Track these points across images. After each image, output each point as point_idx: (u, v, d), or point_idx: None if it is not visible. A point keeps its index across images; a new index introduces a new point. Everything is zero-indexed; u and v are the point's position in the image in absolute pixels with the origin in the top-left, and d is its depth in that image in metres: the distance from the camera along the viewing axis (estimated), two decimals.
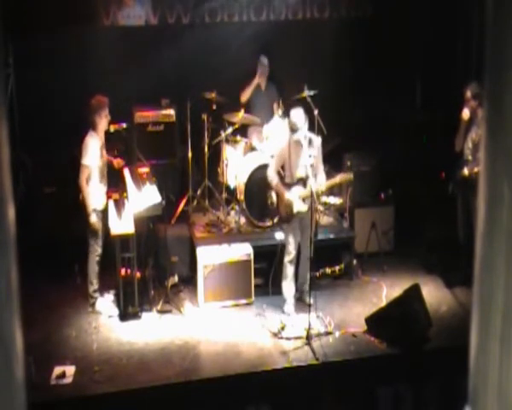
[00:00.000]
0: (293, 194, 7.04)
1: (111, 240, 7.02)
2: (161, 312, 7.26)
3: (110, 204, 7.36)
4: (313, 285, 7.00)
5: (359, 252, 8.31)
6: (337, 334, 6.83)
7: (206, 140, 8.51)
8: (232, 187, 8.41)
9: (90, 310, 7.20)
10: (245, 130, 8.77)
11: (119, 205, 7.23)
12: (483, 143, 1.25)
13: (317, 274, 7.64)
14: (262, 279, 7.69)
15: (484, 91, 1.25)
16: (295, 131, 6.85)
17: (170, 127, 8.83)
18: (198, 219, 8.45)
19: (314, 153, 6.93)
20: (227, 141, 8.47)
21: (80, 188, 6.93)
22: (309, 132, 7.07)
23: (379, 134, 9.32)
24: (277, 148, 7.39)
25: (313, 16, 9.75)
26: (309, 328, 6.69)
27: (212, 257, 7.43)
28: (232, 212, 8.43)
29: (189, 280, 7.83)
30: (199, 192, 8.59)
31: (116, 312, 7.22)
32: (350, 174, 7.21)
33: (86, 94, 7.19)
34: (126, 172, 7.57)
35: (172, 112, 8.83)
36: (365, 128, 9.41)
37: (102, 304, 7.23)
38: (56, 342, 6.76)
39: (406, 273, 7.94)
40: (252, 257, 7.48)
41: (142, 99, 8.82)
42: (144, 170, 7.46)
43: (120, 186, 7.49)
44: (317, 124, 8.25)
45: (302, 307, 7.30)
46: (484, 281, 1.23)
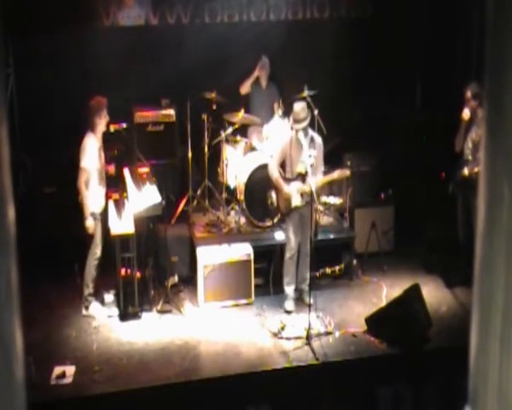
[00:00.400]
0: (291, 188, 7.07)
1: (111, 240, 7.02)
2: (161, 312, 7.26)
3: (110, 204, 7.37)
4: (313, 285, 7.00)
5: (359, 252, 8.32)
6: (337, 334, 6.83)
7: (206, 140, 8.51)
8: (232, 187, 8.41)
9: (84, 313, 7.19)
10: (245, 130, 8.77)
11: (119, 205, 7.23)
12: (483, 143, 1.25)
13: (317, 274, 7.64)
14: (262, 279, 7.69)
15: (484, 91, 1.25)
16: (298, 121, 6.91)
17: (170, 127, 8.83)
18: (198, 219, 8.45)
19: (314, 153, 6.96)
20: (227, 141, 8.47)
21: (79, 191, 6.92)
22: (311, 131, 7.11)
23: (379, 134, 9.32)
24: (279, 143, 7.44)
25: (313, 16, 9.75)
26: (309, 328, 6.69)
27: (212, 257, 7.43)
28: (232, 212, 8.43)
29: (189, 280, 7.83)
30: (199, 192, 8.59)
31: (115, 312, 7.23)
32: (346, 171, 7.24)
33: (86, 94, 7.19)
34: (126, 172, 7.57)
35: (172, 112, 8.83)
36: (365, 128, 9.40)
37: (96, 308, 7.22)
38: (56, 342, 6.76)
39: (406, 273, 7.94)
40: (252, 257, 7.48)
41: (142, 99, 8.82)
42: (144, 170, 7.46)
43: (120, 186, 7.49)
44: (317, 124, 8.26)
45: (302, 307, 7.30)
46: (484, 281, 1.23)
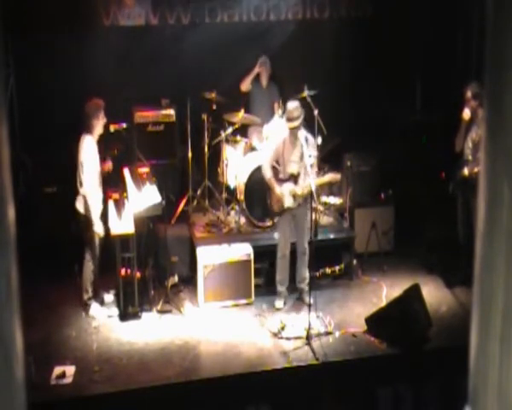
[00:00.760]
0: (283, 189, 7.09)
1: (111, 240, 7.02)
2: (161, 312, 7.26)
3: (110, 204, 7.36)
4: (313, 285, 7.00)
5: (359, 252, 8.32)
6: (337, 334, 6.83)
7: (206, 140, 8.52)
8: (232, 187, 8.41)
9: (84, 315, 7.19)
10: (245, 130, 8.77)
11: (119, 205, 7.23)
12: (483, 143, 1.25)
13: (317, 274, 7.64)
14: (262, 279, 7.70)
15: (484, 91, 1.25)
16: (291, 120, 6.92)
17: (170, 127, 8.83)
18: (198, 219, 8.45)
19: (314, 153, 6.98)
20: (227, 141, 8.47)
21: (86, 196, 6.90)
22: (305, 131, 7.11)
23: (379, 134, 9.32)
24: (273, 143, 7.45)
25: (313, 16, 9.75)
26: (309, 328, 6.69)
27: (212, 257, 7.43)
28: (232, 212, 8.43)
29: (189, 280, 7.83)
30: (199, 192, 8.59)
31: (115, 312, 7.23)
32: (337, 175, 7.23)
33: (86, 94, 7.19)
34: (126, 172, 7.57)
35: (172, 112, 8.83)
36: (365, 128, 9.40)
37: (96, 308, 7.22)
38: (56, 342, 6.75)
39: (406, 273, 7.94)
40: (252, 257, 7.48)
41: (142, 99, 8.82)
42: (144, 170, 7.46)
43: (120, 186, 7.49)
44: (317, 124, 8.25)
45: (302, 307, 7.31)
46: (484, 281, 1.23)
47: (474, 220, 6.66)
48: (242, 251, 7.51)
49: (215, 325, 7.08)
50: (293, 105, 7.01)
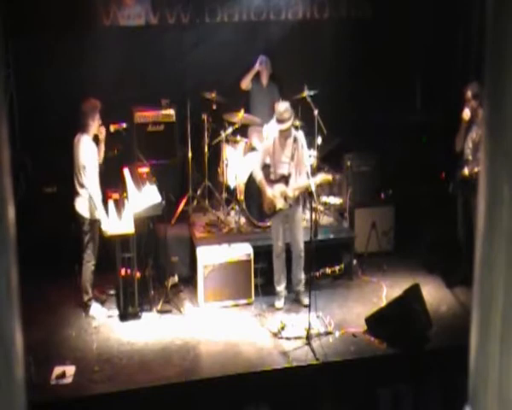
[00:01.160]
0: (274, 191, 7.08)
1: (111, 240, 7.01)
2: (161, 312, 7.26)
3: (110, 204, 7.36)
4: (313, 285, 7.00)
5: (359, 252, 8.32)
6: (337, 334, 6.83)
7: (206, 140, 8.52)
8: (232, 187, 8.41)
9: (84, 316, 7.19)
10: (245, 130, 8.77)
11: (119, 205, 7.23)
12: (483, 143, 1.25)
13: (317, 274, 7.65)
14: (262, 279, 7.70)
15: (484, 91, 1.25)
16: (282, 121, 6.90)
17: (170, 127, 8.83)
18: (198, 219, 8.45)
19: (314, 153, 6.98)
20: (227, 141, 8.47)
21: (92, 196, 6.89)
22: (295, 131, 7.09)
23: (379, 134, 9.32)
24: (262, 144, 7.45)
25: (313, 16, 9.75)
26: (309, 328, 6.69)
27: (212, 257, 7.43)
28: (232, 212, 8.43)
29: (189, 280, 7.83)
30: (199, 192, 8.59)
31: (115, 312, 7.23)
32: (329, 175, 7.21)
33: (86, 94, 7.19)
34: (126, 172, 7.57)
35: (172, 112, 8.83)
36: (365, 128, 9.40)
37: (96, 308, 7.22)
38: (56, 342, 6.75)
39: (406, 273, 7.94)
40: (252, 257, 7.48)
41: (142, 99, 8.82)
42: (144, 170, 7.45)
43: (120, 186, 7.49)
44: (317, 124, 8.26)
45: (301, 308, 7.31)
46: (484, 281, 1.22)
47: (474, 220, 6.67)
48: (242, 251, 7.52)
49: (215, 325, 7.08)
50: (283, 107, 6.95)
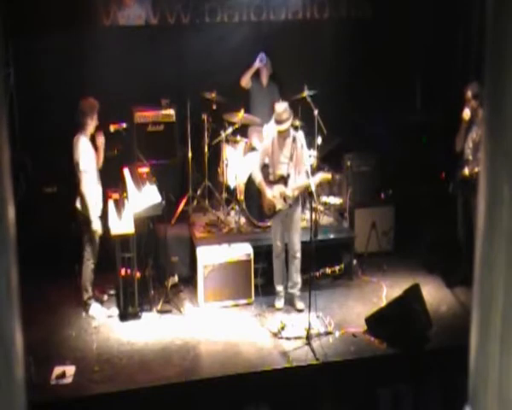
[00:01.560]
0: (274, 192, 7.08)
1: (111, 240, 7.02)
2: (161, 312, 7.26)
3: (110, 204, 7.37)
4: (313, 285, 7.00)
5: (359, 252, 8.32)
6: (337, 334, 6.83)
7: (206, 140, 8.51)
8: (232, 187, 8.41)
9: (84, 315, 7.19)
10: (245, 130, 8.77)
11: (119, 205, 7.22)
12: (483, 143, 1.25)
13: (317, 274, 7.65)
14: (262, 279, 7.69)
15: (484, 91, 1.25)
16: (280, 122, 6.90)
17: (170, 127, 8.83)
18: (198, 219, 8.45)
19: (314, 153, 6.97)
20: (227, 141, 8.47)
21: (83, 195, 6.91)
22: (294, 131, 7.09)
23: (379, 134, 9.31)
24: (261, 145, 7.45)
25: (313, 16, 9.75)
26: (309, 328, 6.69)
27: (212, 257, 7.43)
28: (232, 212, 8.43)
29: (189, 280, 7.84)
30: (199, 192, 8.59)
31: (115, 312, 7.23)
32: (328, 174, 7.20)
33: (86, 94, 7.19)
34: (126, 172, 7.57)
35: (172, 112, 8.82)
36: (365, 128, 9.40)
37: (96, 308, 7.22)
38: (56, 342, 6.76)
39: (406, 273, 7.94)
40: (252, 257, 7.48)
41: (142, 99, 8.82)
42: (144, 170, 7.45)
43: (120, 186, 7.49)
44: (317, 124, 8.26)
45: (292, 310, 7.32)
46: (484, 281, 1.22)
47: (474, 220, 6.68)
48: (242, 251, 7.51)
49: (215, 325, 7.08)
50: (281, 107, 6.94)
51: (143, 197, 6.99)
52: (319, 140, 8.27)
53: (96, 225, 6.94)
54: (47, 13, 8.40)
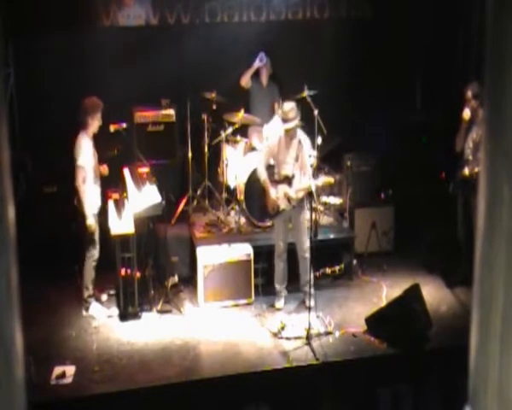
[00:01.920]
0: (278, 191, 7.07)
1: (111, 240, 7.02)
2: (161, 312, 7.26)
3: (110, 204, 7.37)
4: (313, 285, 6.99)
5: (359, 252, 8.32)
6: (337, 334, 6.83)
7: (206, 140, 8.51)
8: (232, 187, 8.41)
9: (84, 314, 7.19)
10: (245, 130, 8.77)
11: (119, 205, 7.22)
12: (483, 143, 1.25)
13: (317, 274, 7.64)
14: (262, 279, 7.70)
15: (484, 91, 1.25)
16: (287, 121, 6.89)
17: (170, 127, 8.83)
18: (198, 219, 8.45)
19: (314, 153, 6.97)
20: (227, 141, 8.47)
21: (77, 190, 6.91)
22: (300, 133, 7.08)
23: (379, 134, 9.31)
24: (267, 143, 7.44)
25: (313, 16, 9.75)
26: (309, 328, 6.69)
27: (212, 257, 7.43)
28: (232, 212, 8.43)
29: (189, 280, 7.83)
30: (199, 192, 8.59)
31: (115, 312, 7.23)
32: (331, 178, 7.19)
33: (86, 94, 7.19)
34: (126, 172, 7.57)
35: (172, 112, 8.82)
36: (365, 128, 9.40)
37: (96, 308, 7.22)
38: (56, 342, 6.76)
39: (406, 273, 7.94)
40: (252, 257, 7.48)
41: (142, 99, 8.82)
42: (144, 170, 7.46)
43: (120, 186, 7.49)
44: (317, 124, 8.25)
45: (302, 308, 7.30)
46: (484, 281, 1.22)
47: (474, 220, 6.68)
48: (242, 251, 7.51)
49: (215, 325, 7.08)
50: (288, 106, 6.95)
51: (143, 197, 6.99)
52: (319, 140, 8.26)
53: (90, 221, 6.94)
54: (47, 13, 8.40)
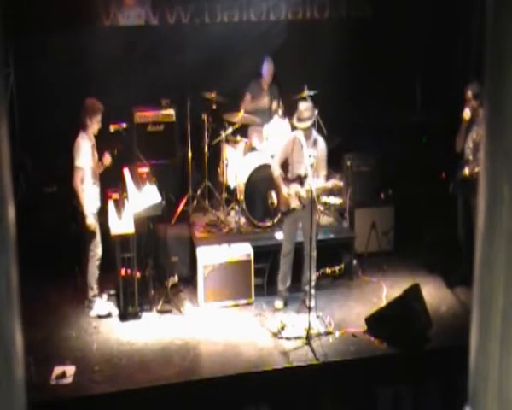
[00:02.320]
0: (290, 190, 7.07)
1: (111, 240, 7.02)
2: (161, 312, 7.26)
3: (110, 204, 7.37)
4: (313, 286, 6.99)
5: (359, 252, 8.32)
6: (337, 334, 6.83)
7: (206, 140, 8.51)
8: (232, 187, 8.40)
9: (89, 314, 7.19)
10: (245, 130, 8.77)
11: (119, 205, 7.22)
12: (483, 143, 1.25)
13: (317, 274, 7.64)
14: (262, 279, 7.69)
15: (484, 91, 1.25)
16: (301, 120, 6.90)
17: (170, 127, 8.83)
18: (198, 219, 8.45)
19: (314, 153, 6.95)
20: (227, 141, 8.47)
21: (75, 191, 6.91)
22: (316, 134, 7.10)
23: (379, 134, 9.32)
24: (281, 142, 7.45)
25: (313, 16, 9.76)
26: (309, 328, 6.69)
27: (212, 257, 7.43)
28: (232, 212, 8.42)
29: (189, 280, 7.83)
30: (199, 192, 8.58)
31: (116, 312, 7.23)
32: (340, 182, 7.19)
33: (86, 94, 7.19)
34: (126, 172, 7.57)
35: (172, 112, 8.83)
36: (365, 128, 9.40)
37: (100, 307, 7.22)
38: (56, 342, 6.76)
39: (406, 273, 7.94)
40: (252, 257, 7.48)
41: (142, 99, 8.82)
42: (144, 170, 7.45)
43: (120, 186, 7.49)
44: (317, 124, 8.25)
45: (302, 308, 7.30)
46: (484, 281, 1.22)
47: (474, 220, 6.67)
48: (242, 251, 7.51)
49: (215, 325, 7.08)
50: (304, 106, 6.99)
51: (143, 197, 6.99)
52: None
53: (90, 220, 6.94)
54: (47, 13, 8.40)
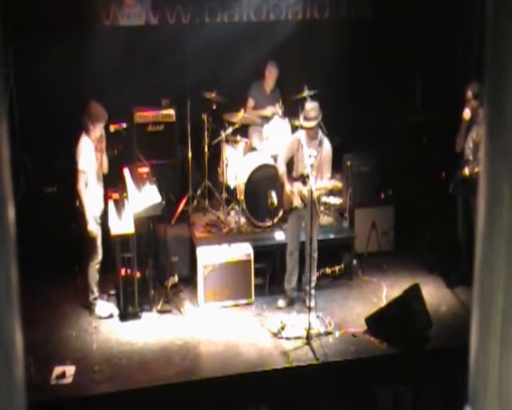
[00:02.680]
0: (293, 188, 7.09)
1: (111, 240, 7.01)
2: (161, 312, 7.26)
3: (110, 204, 7.36)
4: (313, 286, 6.99)
5: (359, 252, 8.32)
6: (337, 334, 6.83)
7: (206, 140, 8.51)
8: (232, 187, 8.41)
9: (91, 315, 7.18)
10: (245, 130, 8.77)
11: (119, 205, 7.22)
12: (483, 143, 1.25)
13: (317, 274, 7.64)
14: (262, 279, 7.69)
15: (484, 91, 1.25)
16: (307, 119, 6.93)
17: (170, 127, 8.83)
18: (198, 219, 8.45)
19: (314, 154, 6.95)
20: (227, 141, 8.47)
21: (78, 194, 6.89)
22: (322, 135, 7.11)
23: (379, 134, 9.31)
24: (287, 140, 7.49)
25: (313, 16, 9.75)
26: (309, 328, 6.69)
27: (212, 257, 7.43)
28: (232, 212, 8.43)
29: (189, 280, 7.83)
30: (199, 192, 8.58)
31: (116, 312, 7.23)
32: (340, 183, 7.19)
33: (86, 94, 7.19)
34: (126, 172, 7.56)
35: (172, 112, 8.83)
36: (365, 128, 9.40)
37: (102, 309, 7.21)
38: (56, 342, 6.75)
39: (406, 273, 7.94)
40: (252, 257, 7.48)
41: (142, 99, 8.82)
42: (144, 170, 7.45)
43: (120, 186, 7.49)
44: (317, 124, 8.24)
45: (302, 308, 7.30)
46: (484, 281, 1.22)
47: (474, 220, 6.67)
48: (242, 251, 7.51)
49: (215, 325, 7.08)
50: (310, 105, 7.01)
51: (143, 197, 6.99)
52: None
53: (92, 226, 6.92)
54: (47, 13, 8.40)
